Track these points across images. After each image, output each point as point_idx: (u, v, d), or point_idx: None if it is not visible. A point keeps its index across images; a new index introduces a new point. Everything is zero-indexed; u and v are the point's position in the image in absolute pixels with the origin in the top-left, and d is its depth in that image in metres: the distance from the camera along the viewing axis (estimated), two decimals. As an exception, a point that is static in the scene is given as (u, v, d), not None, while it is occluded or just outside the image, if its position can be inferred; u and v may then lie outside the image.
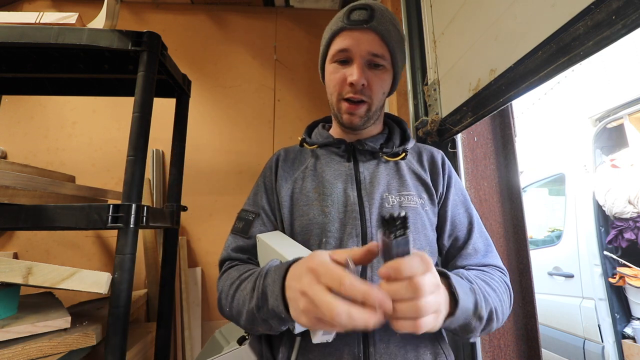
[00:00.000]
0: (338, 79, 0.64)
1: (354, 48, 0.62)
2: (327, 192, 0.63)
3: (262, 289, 0.46)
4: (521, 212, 0.93)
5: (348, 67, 0.63)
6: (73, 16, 0.91)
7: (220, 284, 0.60)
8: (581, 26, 0.46)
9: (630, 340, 1.98)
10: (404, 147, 0.68)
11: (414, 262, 0.35)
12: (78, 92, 1.22)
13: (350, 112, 0.64)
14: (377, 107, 0.67)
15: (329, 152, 0.70)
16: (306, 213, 0.62)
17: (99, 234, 1.65)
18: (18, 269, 0.71)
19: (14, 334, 0.74)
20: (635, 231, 2.02)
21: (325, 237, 0.58)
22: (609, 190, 2.10)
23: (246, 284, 0.52)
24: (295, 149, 0.75)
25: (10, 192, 0.77)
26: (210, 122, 1.83)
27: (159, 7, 1.92)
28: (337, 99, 0.66)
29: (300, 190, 0.65)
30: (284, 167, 0.70)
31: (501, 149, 0.98)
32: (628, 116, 2.12)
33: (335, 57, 0.65)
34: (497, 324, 0.54)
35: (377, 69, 0.64)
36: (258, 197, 0.69)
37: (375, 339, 0.53)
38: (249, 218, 0.66)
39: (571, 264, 2.32)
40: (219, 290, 0.59)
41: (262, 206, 0.67)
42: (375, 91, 0.64)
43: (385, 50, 0.63)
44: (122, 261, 0.76)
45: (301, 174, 0.68)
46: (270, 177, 0.70)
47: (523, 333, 0.90)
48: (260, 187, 0.70)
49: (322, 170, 0.67)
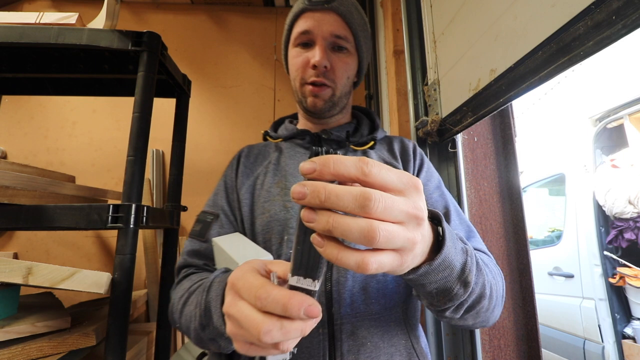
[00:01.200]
0: (300, 63, 0.62)
1: (316, 29, 0.60)
2: (290, 185, 0.59)
3: (204, 304, 0.40)
4: (521, 212, 0.93)
5: (310, 50, 0.61)
6: (73, 16, 0.91)
7: (172, 295, 0.54)
8: (581, 26, 0.46)
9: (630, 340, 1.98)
10: (372, 136, 0.66)
11: (370, 161, 0.24)
12: (78, 92, 1.22)
13: (315, 94, 0.61)
14: (343, 93, 0.64)
15: (292, 145, 0.67)
16: (267, 210, 0.57)
17: (99, 234, 1.65)
18: (18, 269, 0.71)
19: (14, 334, 0.74)
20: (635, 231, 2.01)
21: (287, 234, 0.54)
22: (609, 191, 2.10)
23: (193, 298, 0.46)
24: (260, 145, 0.71)
25: (10, 192, 0.77)
26: (210, 122, 1.83)
27: (159, 7, 1.92)
28: (300, 84, 0.63)
29: (261, 186, 0.61)
30: (246, 164, 0.67)
31: (501, 149, 0.98)
32: (628, 116, 2.12)
33: (297, 40, 0.62)
34: (490, 306, 0.44)
35: (341, 52, 0.62)
36: (218, 198, 0.65)
37: (343, 350, 0.48)
38: (207, 220, 0.61)
39: (571, 264, 2.33)
40: (170, 303, 0.53)
41: (221, 207, 0.63)
42: (339, 75, 0.62)
43: (348, 32, 0.61)
44: (122, 261, 0.76)
45: (263, 170, 0.64)
46: (231, 175, 0.66)
47: (523, 333, 0.90)
48: (221, 187, 0.66)
49: (285, 164, 0.63)
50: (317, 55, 0.58)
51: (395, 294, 0.54)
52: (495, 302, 0.45)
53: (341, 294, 0.51)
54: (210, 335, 0.40)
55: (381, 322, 0.52)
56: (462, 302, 0.39)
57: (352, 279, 0.52)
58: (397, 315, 0.54)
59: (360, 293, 0.52)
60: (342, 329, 0.50)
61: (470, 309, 0.41)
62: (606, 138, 2.34)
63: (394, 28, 1.21)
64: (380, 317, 0.52)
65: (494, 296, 0.44)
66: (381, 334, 0.51)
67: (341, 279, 0.52)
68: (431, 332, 0.84)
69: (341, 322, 0.50)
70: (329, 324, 0.50)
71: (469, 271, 0.37)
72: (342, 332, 0.49)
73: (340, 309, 0.50)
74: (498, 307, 0.47)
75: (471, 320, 0.44)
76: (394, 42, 1.19)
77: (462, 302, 0.39)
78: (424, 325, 0.86)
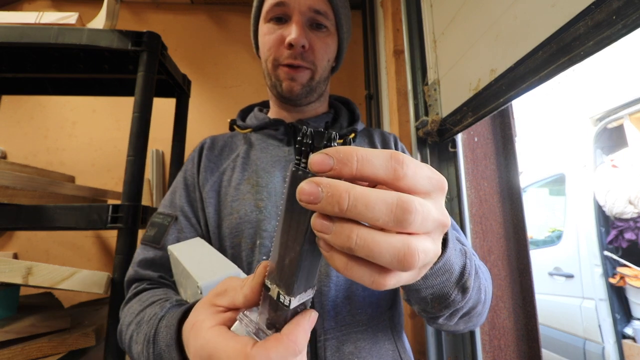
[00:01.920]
0: (273, 41, 0.53)
1: (292, 2, 0.52)
2: (262, 182, 0.52)
3: (153, 354, 0.34)
4: (521, 212, 0.93)
5: (285, 26, 0.53)
6: (73, 16, 0.91)
7: (120, 317, 0.46)
8: (581, 26, 0.46)
9: (630, 340, 1.98)
10: (352, 128, 0.58)
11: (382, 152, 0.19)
12: (78, 92, 1.23)
13: (291, 76, 0.53)
14: (322, 78, 0.57)
15: (264, 137, 0.59)
16: (236, 210, 0.50)
17: (98, 234, 1.65)
18: (18, 269, 0.71)
19: (14, 334, 0.74)
20: (635, 231, 2.01)
21: (260, 237, 0.48)
22: (609, 191, 2.10)
23: (141, 334, 0.38)
24: (225, 136, 0.63)
25: (10, 192, 0.77)
26: (210, 122, 1.83)
27: (159, 7, 1.92)
28: (274, 65, 0.55)
29: (228, 183, 0.54)
30: (210, 157, 0.58)
31: (501, 149, 0.98)
32: (628, 116, 2.12)
33: (269, 13, 0.54)
34: (483, 310, 0.41)
35: (320, 30, 0.54)
36: (176, 197, 0.56)
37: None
38: (164, 223, 0.52)
39: (571, 264, 2.32)
40: (119, 325, 0.46)
41: (180, 207, 0.54)
42: (318, 56, 0.54)
43: (328, 8, 0.54)
44: (122, 261, 0.76)
45: (231, 164, 0.56)
46: (192, 171, 0.57)
47: (523, 333, 0.90)
48: (179, 184, 0.57)
49: (256, 158, 0.55)
50: (293, 32, 0.50)
51: (382, 300, 0.50)
52: (487, 306, 0.43)
53: (324, 306, 0.46)
54: None
55: (368, 333, 0.47)
56: (458, 309, 0.36)
57: (335, 287, 0.47)
58: (384, 324, 0.49)
59: (344, 303, 0.47)
60: (326, 346, 0.44)
61: (465, 315, 0.38)
62: (606, 138, 2.34)
63: (394, 28, 1.21)
64: (367, 327, 0.47)
65: (487, 300, 0.42)
66: (369, 347, 0.46)
67: (323, 288, 0.46)
68: (431, 332, 0.84)
69: (325, 337, 0.45)
70: (310, 342, 0.44)
71: (468, 275, 0.33)
72: (326, 349, 0.44)
73: (323, 322, 0.45)
74: (487, 309, 0.45)
75: (462, 325, 0.41)
76: (394, 42, 1.19)
77: (457, 309, 0.35)
78: (424, 326, 0.86)
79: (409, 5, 1.08)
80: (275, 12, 0.53)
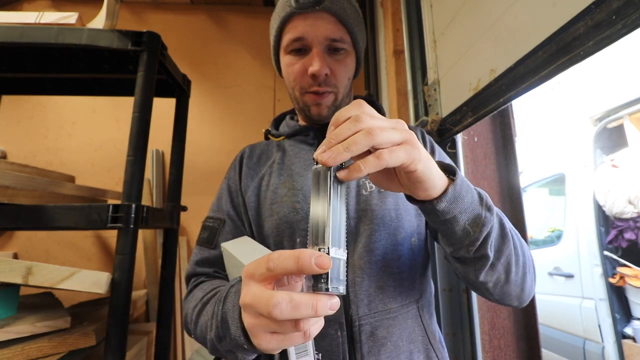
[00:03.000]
0: (297, 72, 0.57)
1: (309, 35, 0.55)
2: (298, 185, 0.57)
3: (221, 315, 0.39)
4: (521, 212, 0.93)
5: (306, 57, 0.56)
6: (73, 16, 0.91)
7: (185, 306, 0.53)
8: (581, 26, 0.46)
9: (630, 340, 1.98)
10: None
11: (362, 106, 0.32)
12: (78, 92, 1.22)
13: (317, 102, 0.58)
14: (344, 95, 0.61)
15: (296, 142, 0.64)
16: (275, 212, 0.55)
17: (98, 234, 1.65)
18: (18, 269, 0.71)
19: (14, 334, 0.74)
20: (635, 231, 2.01)
21: (299, 236, 0.53)
22: (609, 191, 2.10)
23: (208, 308, 0.44)
24: (262, 144, 0.69)
25: (10, 192, 0.77)
26: (210, 122, 1.83)
27: (159, 7, 1.92)
28: (301, 93, 0.59)
29: (267, 187, 0.59)
30: (249, 165, 0.64)
31: (501, 149, 0.98)
32: (628, 116, 2.12)
33: (289, 47, 0.57)
34: (518, 268, 0.44)
35: (338, 53, 0.57)
36: (222, 202, 0.63)
37: (364, 352, 0.48)
38: (214, 226, 0.60)
39: (571, 264, 2.33)
40: (184, 313, 0.53)
41: (226, 211, 0.61)
42: (340, 79, 0.58)
43: (344, 32, 0.56)
44: (122, 261, 0.76)
45: (268, 170, 0.62)
46: (234, 178, 0.64)
47: (523, 333, 0.90)
48: (224, 191, 0.64)
49: (290, 163, 0.61)
50: (315, 64, 0.54)
51: (411, 290, 0.54)
52: (522, 258, 0.45)
53: (358, 295, 0.51)
54: (228, 347, 0.38)
55: (399, 320, 0.51)
56: (492, 230, 0.40)
57: (368, 278, 0.51)
58: (414, 312, 0.54)
59: (377, 292, 0.51)
60: (360, 331, 0.49)
61: (499, 252, 0.42)
62: (606, 138, 2.34)
63: (394, 28, 1.21)
64: (398, 314, 0.52)
65: (517, 243, 0.44)
66: (399, 332, 0.51)
67: (357, 279, 0.51)
68: (431, 332, 0.84)
69: (359, 323, 0.49)
70: (347, 327, 0.49)
71: (485, 196, 0.40)
72: (361, 333, 0.49)
73: (358, 310, 0.50)
74: (529, 272, 0.47)
75: (503, 273, 0.44)
76: (394, 42, 1.19)
77: (492, 230, 0.40)
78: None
79: (409, 5, 1.08)
80: (295, 46, 0.57)
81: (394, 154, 0.30)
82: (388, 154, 0.30)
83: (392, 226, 0.54)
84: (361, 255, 0.52)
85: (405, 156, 0.31)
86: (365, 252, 0.52)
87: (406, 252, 0.54)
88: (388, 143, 0.30)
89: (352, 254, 0.52)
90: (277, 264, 0.27)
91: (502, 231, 0.42)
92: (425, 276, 0.59)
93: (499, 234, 0.42)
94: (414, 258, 0.56)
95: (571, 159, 2.50)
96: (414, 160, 0.32)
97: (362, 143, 0.29)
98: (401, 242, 0.54)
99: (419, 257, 0.56)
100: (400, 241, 0.54)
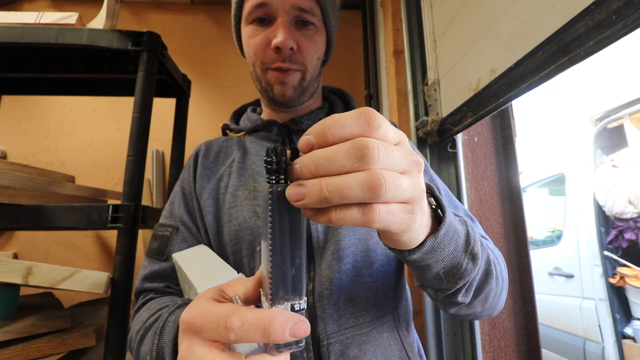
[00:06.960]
0: (259, 44, 0.50)
1: (275, 2, 0.49)
2: (259, 187, 0.51)
3: (156, 351, 0.34)
4: (521, 212, 0.93)
5: (270, 28, 0.50)
6: (73, 16, 0.91)
7: (131, 326, 0.47)
8: (581, 26, 0.46)
9: (630, 340, 1.98)
10: None
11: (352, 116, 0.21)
12: (78, 92, 1.23)
13: (281, 80, 0.51)
14: (313, 76, 0.54)
15: (258, 139, 0.57)
16: (234, 217, 0.50)
17: (98, 234, 1.65)
18: (18, 269, 0.71)
19: (14, 334, 0.74)
20: (635, 231, 2.01)
21: (259, 244, 0.47)
22: (609, 191, 2.10)
23: (148, 338, 0.38)
24: (220, 141, 0.62)
25: (10, 192, 0.77)
26: (210, 122, 1.83)
27: (159, 7, 1.92)
28: (262, 69, 0.53)
29: (225, 189, 0.53)
30: (205, 164, 0.57)
31: (501, 149, 0.98)
32: (628, 116, 2.12)
33: (251, 15, 0.51)
34: (497, 290, 0.40)
35: (307, 28, 0.51)
36: (175, 207, 0.56)
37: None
38: (166, 234, 0.53)
39: (571, 264, 2.32)
40: (129, 337, 0.46)
41: (179, 217, 0.54)
42: (307, 57, 0.52)
43: (313, 4, 0.51)
44: (122, 261, 0.76)
45: (227, 170, 0.55)
46: (188, 179, 0.57)
47: (523, 333, 0.90)
48: (177, 194, 0.57)
49: (251, 162, 0.54)
50: (279, 35, 0.48)
51: (386, 299, 0.49)
52: (501, 285, 0.42)
53: (326, 310, 0.45)
54: None
55: (373, 334, 0.46)
56: (472, 281, 0.35)
57: (337, 290, 0.46)
58: (390, 324, 0.49)
59: (347, 305, 0.46)
60: (329, 351, 0.43)
61: (479, 290, 0.38)
62: (606, 138, 2.34)
63: (394, 28, 1.21)
64: (371, 329, 0.46)
65: (499, 277, 0.41)
66: (373, 349, 0.45)
67: (324, 291, 0.45)
68: (431, 332, 0.84)
69: (328, 342, 0.44)
70: (314, 347, 0.44)
71: (474, 241, 0.33)
72: (329, 354, 0.43)
73: (326, 327, 0.44)
74: (504, 292, 0.44)
75: (479, 306, 0.40)
76: (394, 42, 1.19)
77: (471, 281, 0.35)
78: (424, 326, 0.86)
79: (409, 5, 1.08)
80: (257, 14, 0.50)
81: (389, 216, 0.22)
82: (383, 215, 0.21)
83: (362, 230, 0.49)
84: (329, 264, 0.46)
85: (399, 223, 0.23)
86: (334, 259, 0.46)
87: (379, 259, 0.49)
88: (392, 201, 0.22)
89: (320, 263, 0.47)
90: (239, 335, 0.21)
91: (487, 268, 0.37)
92: (401, 283, 0.54)
93: (483, 272, 0.37)
94: (389, 264, 0.50)
95: (571, 159, 2.50)
96: (406, 229, 0.24)
97: (356, 197, 0.20)
98: (373, 247, 0.49)
99: (394, 262, 0.51)
100: (372, 246, 0.49)
